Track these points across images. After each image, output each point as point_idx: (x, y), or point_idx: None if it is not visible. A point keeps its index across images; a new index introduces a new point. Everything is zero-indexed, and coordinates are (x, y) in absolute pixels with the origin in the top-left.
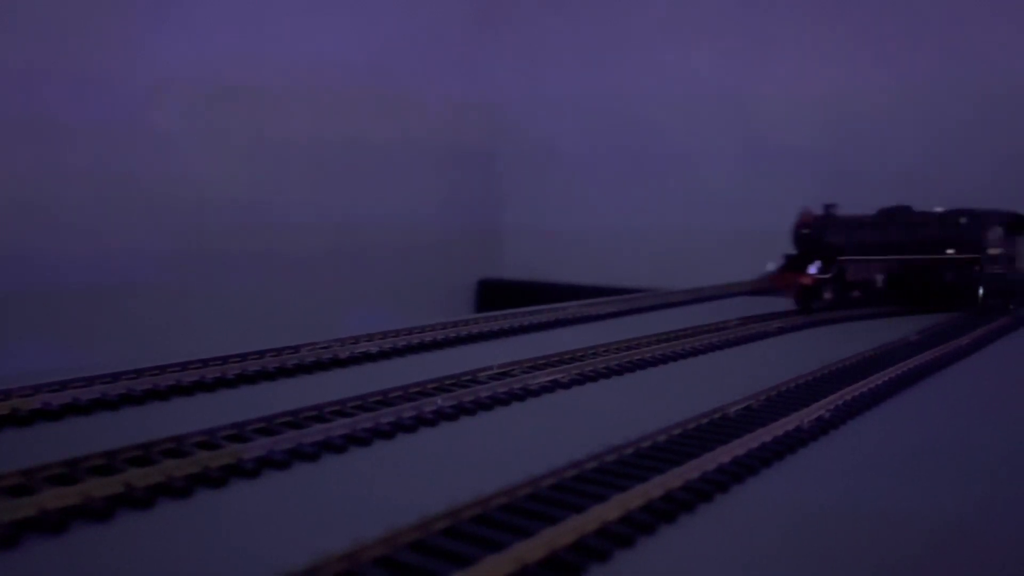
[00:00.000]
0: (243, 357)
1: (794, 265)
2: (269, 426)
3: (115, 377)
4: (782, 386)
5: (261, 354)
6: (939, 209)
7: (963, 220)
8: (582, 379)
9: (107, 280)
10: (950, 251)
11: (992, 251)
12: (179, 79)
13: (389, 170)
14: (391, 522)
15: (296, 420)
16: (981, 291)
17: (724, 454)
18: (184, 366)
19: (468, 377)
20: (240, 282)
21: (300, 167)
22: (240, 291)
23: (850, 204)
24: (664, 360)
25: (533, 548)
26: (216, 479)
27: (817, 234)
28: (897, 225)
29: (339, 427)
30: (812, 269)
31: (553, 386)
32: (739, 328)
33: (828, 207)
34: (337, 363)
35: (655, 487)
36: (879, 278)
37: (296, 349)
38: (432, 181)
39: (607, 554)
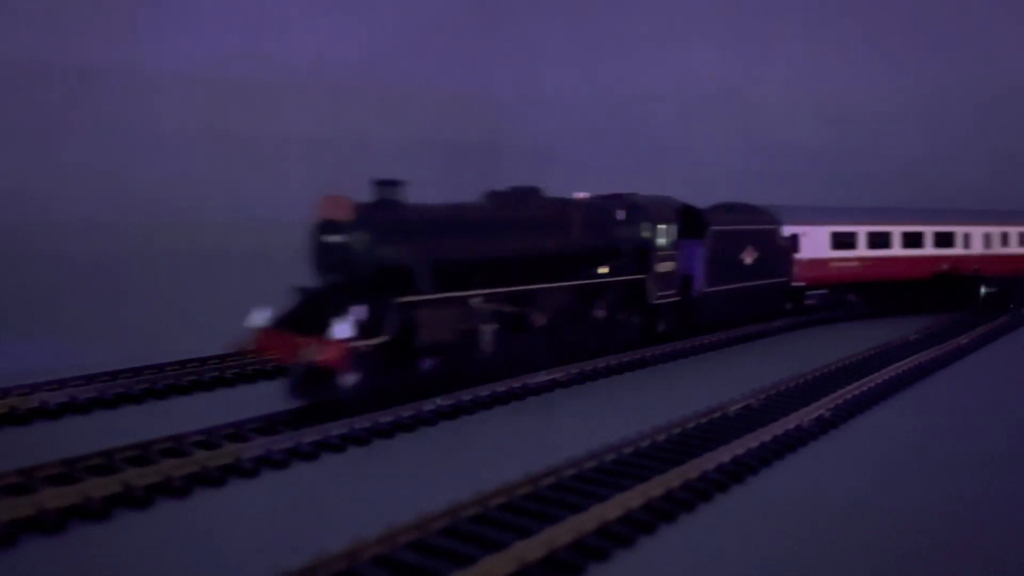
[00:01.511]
0: (242, 356)
1: (304, 317)
2: (268, 425)
3: (113, 376)
4: (782, 385)
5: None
6: (583, 195)
7: (621, 214)
8: (581, 379)
9: (106, 280)
10: (603, 269)
11: (663, 266)
12: (178, 76)
13: (388, 168)
14: (390, 521)
15: (294, 419)
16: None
17: (725, 453)
18: (183, 365)
19: None
20: (239, 280)
21: (299, 164)
22: (238, 290)
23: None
24: (664, 359)
25: (532, 547)
26: (215, 478)
27: (371, 249)
28: (516, 227)
29: (337, 426)
30: (343, 328)
31: (553, 385)
32: (739, 327)
33: (384, 187)
34: None
35: (655, 486)
36: (481, 331)
37: None
38: (431, 179)
39: (607, 553)
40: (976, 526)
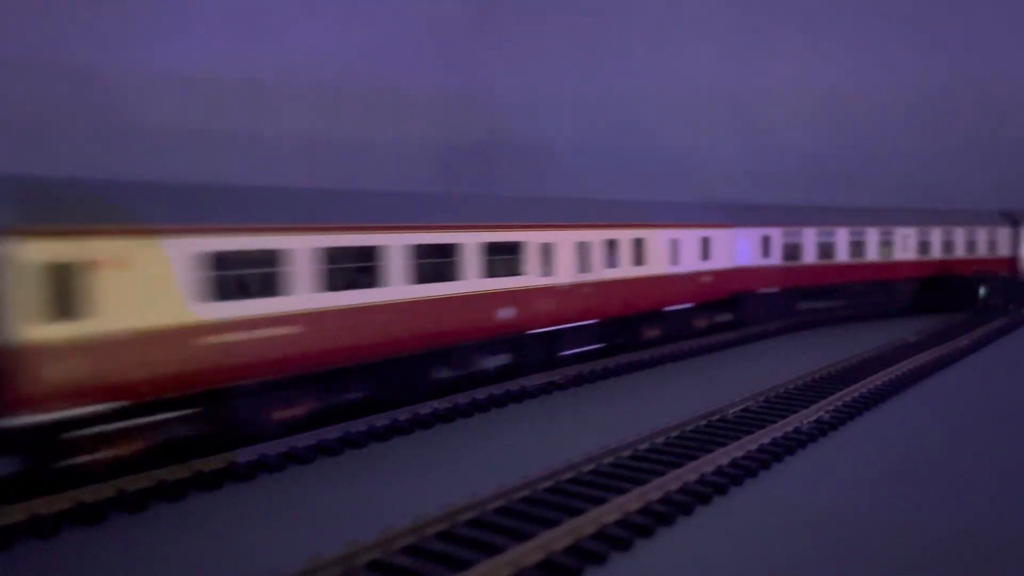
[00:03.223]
0: None
1: None
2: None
3: None
4: (781, 387)
5: None
6: None
7: None
8: (579, 381)
9: None
10: None
11: None
12: (175, 76)
13: (386, 168)
14: (386, 525)
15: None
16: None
17: (722, 456)
18: None
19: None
20: None
21: (297, 164)
22: None
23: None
24: (662, 361)
25: (529, 551)
26: (210, 482)
27: None
28: None
29: (334, 429)
30: None
31: (550, 388)
32: (739, 330)
33: None
34: None
35: (653, 490)
36: None
37: None
38: (430, 179)
39: (604, 557)
40: (978, 530)
